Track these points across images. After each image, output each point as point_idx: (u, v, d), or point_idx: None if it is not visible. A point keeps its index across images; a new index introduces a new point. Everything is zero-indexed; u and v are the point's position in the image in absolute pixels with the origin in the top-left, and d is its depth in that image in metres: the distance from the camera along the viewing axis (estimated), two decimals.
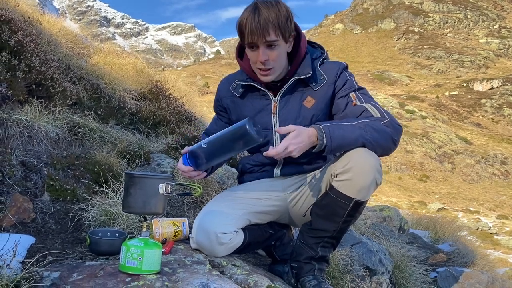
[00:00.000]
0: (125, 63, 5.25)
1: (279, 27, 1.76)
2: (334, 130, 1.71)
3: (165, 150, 3.54)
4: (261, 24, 1.73)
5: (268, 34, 1.75)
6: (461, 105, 75.89)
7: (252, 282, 1.71)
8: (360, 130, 1.73)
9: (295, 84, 1.93)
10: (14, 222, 2.10)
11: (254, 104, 2.01)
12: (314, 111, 1.92)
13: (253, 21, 1.74)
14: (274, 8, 1.75)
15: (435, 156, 55.41)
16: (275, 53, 1.81)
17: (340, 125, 1.74)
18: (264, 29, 1.74)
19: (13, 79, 2.84)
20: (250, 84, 1.98)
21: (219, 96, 2.13)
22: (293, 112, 1.94)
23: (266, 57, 1.80)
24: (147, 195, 1.56)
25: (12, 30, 3.13)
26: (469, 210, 35.73)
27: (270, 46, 1.79)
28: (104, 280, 1.48)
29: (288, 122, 1.90)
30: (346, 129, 1.73)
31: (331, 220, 1.88)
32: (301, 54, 1.91)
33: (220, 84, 2.15)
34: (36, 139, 2.71)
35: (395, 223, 5.34)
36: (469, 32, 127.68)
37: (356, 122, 1.75)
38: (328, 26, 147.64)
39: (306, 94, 1.94)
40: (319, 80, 1.91)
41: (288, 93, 1.95)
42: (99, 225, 2.19)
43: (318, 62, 1.94)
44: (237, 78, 2.04)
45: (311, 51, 1.98)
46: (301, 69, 1.91)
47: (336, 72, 1.91)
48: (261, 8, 1.75)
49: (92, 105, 3.66)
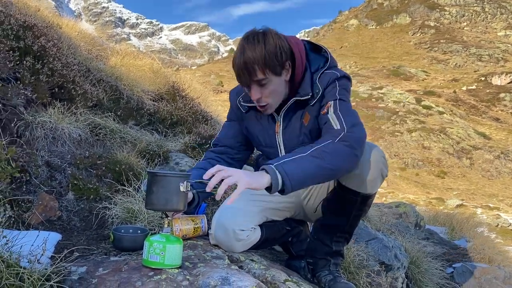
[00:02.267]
0: (142, 64, 5.36)
1: (265, 65, 1.70)
2: (288, 167, 1.58)
3: (183, 149, 3.62)
4: (246, 66, 1.69)
5: (255, 75, 1.71)
6: (479, 100, 74.47)
7: (269, 276, 1.77)
8: (316, 160, 1.61)
9: (295, 104, 1.89)
10: (41, 219, 2.19)
11: (259, 121, 2.01)
12: (310, 126, 1.88)
13: (239, 63, 1.71)
14: (260, 45, 1.69)
15: (453, 152, 54.53)
16: (267, 90, 1.77)
17: (293, 159, 1.61)
18: (249, 70, 1.70)
19: (37, 83, 2.95)
20: (254, 105, 1.95)
21: (232, 106, 2.13)
22: (295, 131, 1.92)
23: (259, 95, 1.77)
24: (169, 192, 1.62)
25: (35, 36, 3.24)
26: (488, 206, 35.13)
27: (261, 84, 1.75)
28: (129, 274, 1.55)
29: (291, 141, 1.94)
30: (300, 162, 1.60)
31: (341, 215, 1.93)
32: (297, 78, 1.84)
33: (230, 95, 2.14)
34: (60, 140, 2.81)
35: (411, 219, 5.34)
36: (487, 25, 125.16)
37: (309, 151, 1.63)
38: (343, 22, 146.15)
39: (305, 111, 1.89)
40: (315, 94, 1.84)
41: (291, 111, 1.91)
42: (122, 222, 2.26)
43: (318, 75, 1.85)
44: (242, 96, 2.02)
45: (314, 61, 1.89)
46: (301, 89, 1.85)
47: (326, 83, 1.83)
48: (246, 47, 1.69)
49: (112, 106, 3.76)
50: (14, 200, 2.13)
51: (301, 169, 1.59)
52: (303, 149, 1.66)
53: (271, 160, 1.64)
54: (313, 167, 1.61)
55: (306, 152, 1.63)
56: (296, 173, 1.58)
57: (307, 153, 1.63)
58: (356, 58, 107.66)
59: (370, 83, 76.47)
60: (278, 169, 1.57)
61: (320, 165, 1.61)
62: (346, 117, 1.72)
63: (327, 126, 1.74)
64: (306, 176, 1.61)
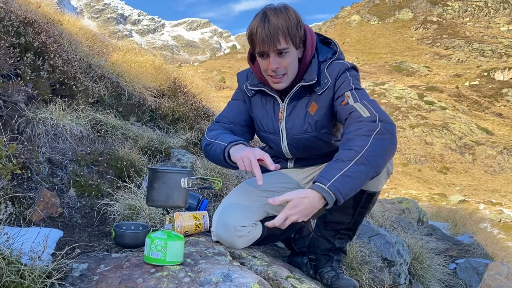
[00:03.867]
0: (144, 61, 5.35)
1: (289, 34, 1.73)
2: (340, 184, 1.58)
3: (185, 146, 3.61)
4: (271, 33, 1.71)
5: (279, 42, 1.73)
6: (482, 95, 74.29)
7: (271, 273, 1.76)
8: (364, 168, 1.60)
9: (301, 90, 1.90)
10: (43, 216, 2.19)
11: (263, 107, 2.01)
12: (317, 117, 1.89)
13: (263, 30, 1.72)
14: (283, 15, 1.73)
15: (456, 147, 54.47)
16: (286, 60, 1.79)
17: (343, 174, 1.59)
18: (274, 37, 1.71)
19: (38, 79, 2.94)
20: (261, 89, 1.97)
21: (240, 87, 2.12)
22: (299, 119, 1.93)
23: (277, 65, 1.78)
24: (170, 189, 1.61)
25: (36, 32, 3.23)
26: (491, 202, 35.12)
27: (281, 53, 1.77)
28: (130, 271, 1.55)
29: (294, 129, 1.93)
30: (351, 175, 1.59)
31: (345, 212, 1.92)
32: (306, 60, 1.86)
33: (238, 76, 2.13)
34: (61, 137, 2.80)
35: (413, 215, 5.33)
36: (490, 20, 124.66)
37: (356, 158, 1.60)
38: (345, 17, 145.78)
39: (311, 99, 1.90)
40: (323, 83, 1.85)
41: (295, 98, 1.92)
42: (123, 218, 2.26)
43: (326, 64, 1.88)
44: (249, 80, 2.04)
45: (322, 52, 1.92)
46: (307, 74, 1.86)
47: (337, 74, 1.84)
48: (270, 16, 1.72)
49: (113, 102, 3.76)
50: (15, 197, 2.13)
51: (352, 182, 1.59)
52: (347, 154, 1.62)
53: (319, 177, 1.62)
54: (363, 177, 1.61)
55: (353, 160, 1.60)
56: (348, 187, 1.58)
57: (354, 160, 1.60)
58: (358, 54, 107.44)
59: (372, 78, 76.37)
60: (331, 190, 1.57)
61: (368, 173, 1.61)
62: (372, 104, 1.74)
63: (355, 115, 1.72)
64: (357, 186, 1.62)
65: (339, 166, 1.61)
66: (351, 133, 1.67)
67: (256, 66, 1.95)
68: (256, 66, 1.95)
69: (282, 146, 2.01)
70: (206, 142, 1.96)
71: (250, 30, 1.78)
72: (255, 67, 1.96)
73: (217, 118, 2.13)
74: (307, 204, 1.57)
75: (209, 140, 1.93)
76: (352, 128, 1.69)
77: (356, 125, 1.68)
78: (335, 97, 1.84)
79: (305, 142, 1.95)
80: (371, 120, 1.67)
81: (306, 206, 1.57)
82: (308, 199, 1.57)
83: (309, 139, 1.94)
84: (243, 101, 2.09)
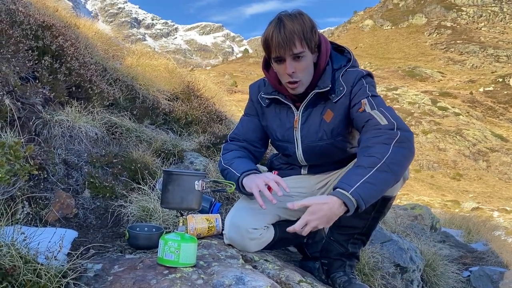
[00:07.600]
0: (157, 64, 5.40)
1: (304, 38, 1.76)
2: (362, 191, 1.59)
3: (198, 149, 3.63)
4: (287, 37, 1.73)
5: (295, 46, 1.75)
6: (497, 101, 73.32)
7: (284, 277, 1.76)
8: (385, 175, 1.62)
9: (316, 98, 1.90)
10: (58, 217, 2.22)
11: (277, 116, 2.02)
12: (333, 125, 1.90)
13: (279, 34, 1.74)
14: (299, 20, 1.75)
15: (469, 154, 53.78)
16: (302, 65, 1.80)
17: (365, 181, 1.60)
18: (290, 41, 1.74)
19: (55, 82, 2.99)
20: (275, 97, 1.99)
21: (252, 100, 2.13)
22: (314, 127, 1.93)
23: (293, 69, 1.79)
24: (184, 191, 1.63)
25: (53, 35, 3.29)
26: (505, 209, 34.53)
27: (297, 57, 1.78)
28: (144, 272, 1.56)
29: (309, 137, 1.94)
30: (373, 181, 1.61)
31: (359, 217, 1.90)
32: (321, 66, 1.87)
33: (251, 87, 2.16)
34: (76, 139, 2.84)
35: (426, 222, 5.28)
36: (505, 25, 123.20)
37: (378, 165, 1.62)
38: (358, 22, 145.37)
39: (326, 107, 1.91)
40: (338, 91, 1.86)
41: (310, 106, 1.93)
42: (137, 220, 2.28)
43: (340, 72, 1.89)
44: (263, 89, 2.05)
45: (336, 59, 1.94)
46: (321, 81, 1.87)
47: (353, 81, 1.86)
48: (286, 20, 1.75)
49: (128, 105, 3.80)
50: (32, 197, 2.16)
51: (374, 189, 1.61)
52: (368, 161, 1.64)
53: (340, 183, 1.64)
54: (384, 184, 1.64)
55: (375, 167, 1.62)
56: (370, 194, 1.61)
57: (376, 168, 1.62)
58: (371, 59, 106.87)
59: (385, 83, 75.87)
60: (354, 196, 1.59)
61: (389, 180, 1.64)
62: (389, 112, 1.75)
63: (373, 122, 1.73)
64: (378, 193, 1.65)
65: (360, 172, 1.63)
66: (370, 140, 1.69)
67: (271, 74, 1.97)
68: (271, 74, 1.97)
69: (297, 154, 2.02)
70: (222, 167, 2.02)
71: (266, 36, 1.80)
72: (270, 74, 1.97)
73: (230, 135, 2.17)
74: (327, 210, 1.59)
75: (224, 166, 1.99)
76: (369, 135, 1.71)
77: (374, 133, 1.70)
78: (351, 104, 1.85)
79: (320, 149, 1.95)
80: (389, 128, 1.69)
81: (326, 212, 1.59)
82: (327, 205, 1.59)
83: (324, 147, 1.94)
84: (255, 115, 2.12)
